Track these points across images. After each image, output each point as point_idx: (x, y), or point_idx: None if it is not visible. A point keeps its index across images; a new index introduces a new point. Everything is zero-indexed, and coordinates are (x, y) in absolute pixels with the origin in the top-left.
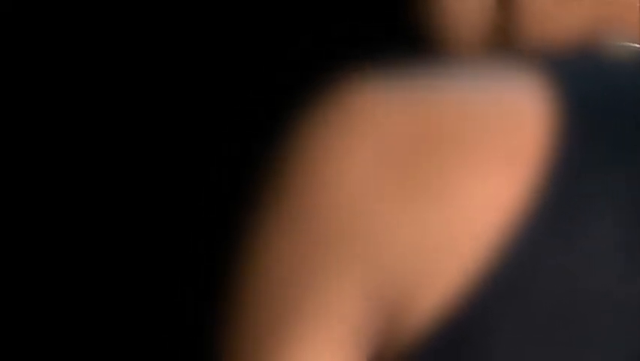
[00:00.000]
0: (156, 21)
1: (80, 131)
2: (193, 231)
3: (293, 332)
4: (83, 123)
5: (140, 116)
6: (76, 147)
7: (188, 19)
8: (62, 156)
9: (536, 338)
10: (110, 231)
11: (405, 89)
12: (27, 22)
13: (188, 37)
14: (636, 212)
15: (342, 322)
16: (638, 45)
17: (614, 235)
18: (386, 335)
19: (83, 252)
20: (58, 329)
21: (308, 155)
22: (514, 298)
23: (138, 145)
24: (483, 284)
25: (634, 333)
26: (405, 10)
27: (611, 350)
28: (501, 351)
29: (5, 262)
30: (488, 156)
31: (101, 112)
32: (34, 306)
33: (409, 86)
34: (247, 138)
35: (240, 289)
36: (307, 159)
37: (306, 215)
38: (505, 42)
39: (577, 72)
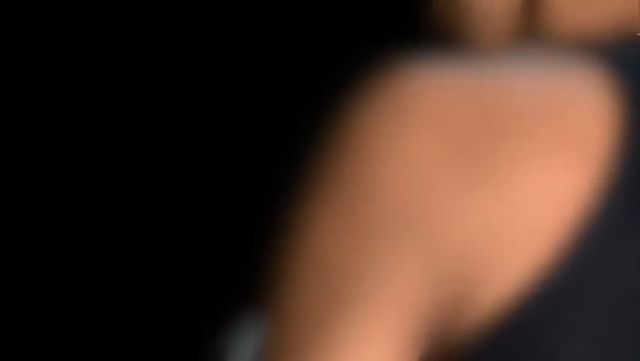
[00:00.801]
0: (159, 20)
1: (79, 131)
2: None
3: (347, 323)
4: (83, 123)
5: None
6: (75, 146)
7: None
8: (62, 156)
9: (603, 337)
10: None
11: (460, 76)
12: (27, 22)
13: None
14: None
15: (400, 312)
16: None
17: None
18: (445, 328)
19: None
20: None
21: (366, 141)
22: (579, 297)
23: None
24: (547, 281)
25: None
26: (429, 7)
27: None
28: (565, 351)
29: (3, 262)
30: (554, 149)
31: (102, 112)
32: (31, 305)
33: (464, 74)
34: (299, 127)
35: (293, 279)
36: (366, 146)
37: (365, 202)
38: (529, 39)
39: (630, 62)
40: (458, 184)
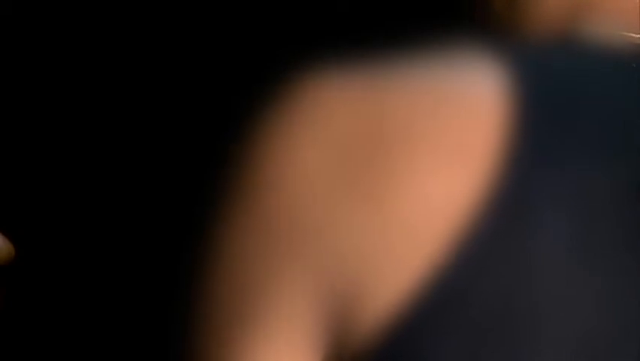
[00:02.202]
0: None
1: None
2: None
3: (250, 334)
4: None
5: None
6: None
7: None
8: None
9: (485, 343)
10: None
11: (356, 85)
12: (27, 23)
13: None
14: (590, 213)
15: (295, 324)
16: (623, 33)
17: (567, 236)
18: (338, 339)
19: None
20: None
21: (261, 153)
22: (461, 303)
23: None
24: (429, 289)
25: (583, 336)
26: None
27: (560, 353)
28: (447, 355)
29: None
30: (437, 154)
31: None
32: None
33: (361, 82)
34: (202, 137)
35: (202, 290)
36: (261, 158)
37: (264, 213)
38: (500, 27)
39: (541, 63)
40: (343, 196)
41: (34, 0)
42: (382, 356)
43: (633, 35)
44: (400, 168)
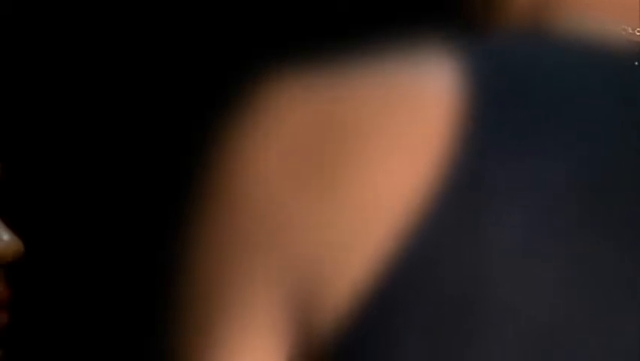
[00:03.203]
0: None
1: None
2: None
3: (221, 331)
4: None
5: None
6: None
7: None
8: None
9: (442, 333)
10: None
11: (313, 82)
12: (27, 23)
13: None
14: (545, 203)
15: (263, 319)
16: (594, 25)
17: (519, 226)
18: (303, 331)
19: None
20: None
21: (222, 154)
22: (416, 294)
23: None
24: (384, 281)
25: (540, 325)
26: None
27: (518, 343)
28: (407, 345)
29: None
30: (389, 148)
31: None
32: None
33: (318, 80)
34: (169, 140)
35: (175, 290)
36: (222, 158)
37: (223, 215)
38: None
39: (498, 57)
40: (299, 192)
41: (34, 0)
42: (344, 346)
43: (606, 27)
44: (353, 162)
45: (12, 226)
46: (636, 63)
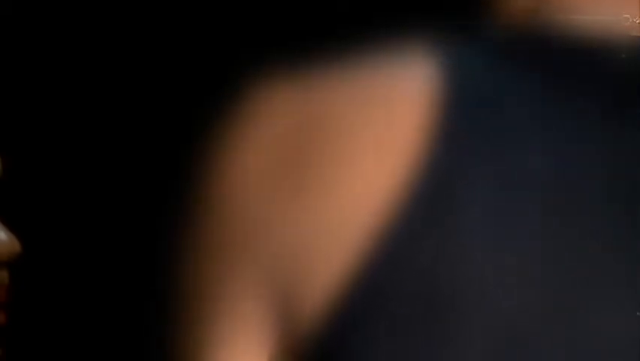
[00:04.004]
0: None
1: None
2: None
3: (205, 332)
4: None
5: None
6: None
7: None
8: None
9: (415, 330)
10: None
11: (293, 85)
12: (27, 23)
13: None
14: (514, 201)
15: (245, 321)
16: (591, 18)
17: (495, 223)
18: (282, 332)
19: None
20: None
21: (217, 158)
22: (393, 290)
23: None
24: (357, 281)
25: (509, 321)
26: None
27: (488, 338)
28: (383, 343)
29: None
30: (366, 145)
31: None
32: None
33: (299, 82)
34: (163, 144)
35: (169, 290)
36: (207, 161)
37: (209, 217)
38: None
39: (474, 56)
40: (280, 193)
41: (34, 0)
42: (323, 343)
43: (596, 19)
44: (330, 162)
45: (9, 226)
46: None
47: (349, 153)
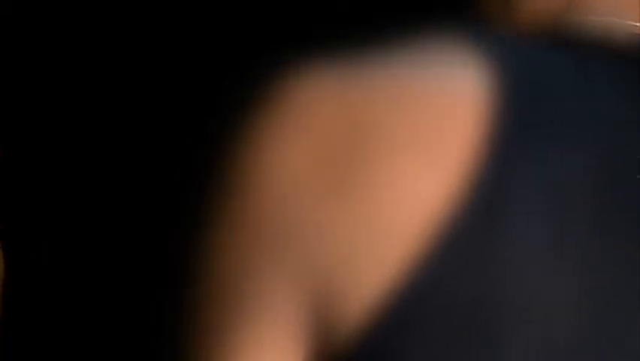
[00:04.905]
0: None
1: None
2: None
3: (235, 336)
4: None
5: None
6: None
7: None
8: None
9: (460, 338)
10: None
11: (338, 84)
12: (27, 23)
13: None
14: (566, 211)
15: (280, 323)
16: (620, 22)
17: (543, 234)
18: (319, 336)
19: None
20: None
21: (244, 155)
22: (437, 301)
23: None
24: (407, 287)
25: (556, 337)
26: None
27: (532, 351)
28: (422, 354)
29: None
30: (417, 150)
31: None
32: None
33: (343, 81)
34: (189, 137)
35: (190, 292)
36: (244, 159)
37: (245, 214)
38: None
39: (526, 58)
40: (325, 192)
41: (34, 0)
42: (361, 352)
43: (631, 24)
44: (378, 166)
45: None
46: None
47: (401, 156)
